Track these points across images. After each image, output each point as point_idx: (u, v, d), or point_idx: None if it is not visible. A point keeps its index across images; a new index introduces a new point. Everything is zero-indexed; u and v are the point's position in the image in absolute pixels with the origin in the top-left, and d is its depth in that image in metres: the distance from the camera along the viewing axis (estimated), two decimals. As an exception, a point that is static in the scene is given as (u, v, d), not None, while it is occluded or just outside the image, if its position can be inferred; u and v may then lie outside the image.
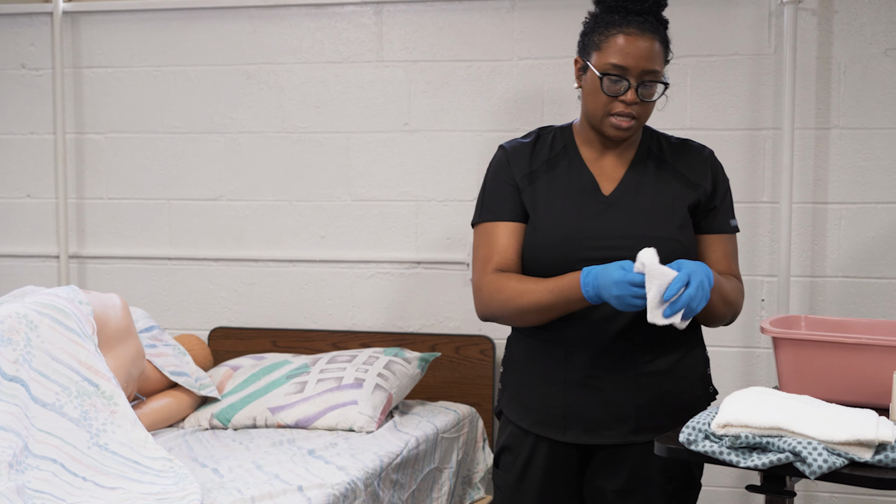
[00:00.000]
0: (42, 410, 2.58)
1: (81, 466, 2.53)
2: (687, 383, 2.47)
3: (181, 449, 2.94)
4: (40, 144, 4.00)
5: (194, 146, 3.88)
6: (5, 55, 4.00)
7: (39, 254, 4.02)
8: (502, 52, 3.64)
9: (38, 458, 2.49)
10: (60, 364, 2.68)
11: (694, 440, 2.05)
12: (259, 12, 3.80)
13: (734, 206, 2.54)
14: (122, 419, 2.68)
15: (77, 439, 2.59)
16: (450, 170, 3.69)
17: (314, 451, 2.89)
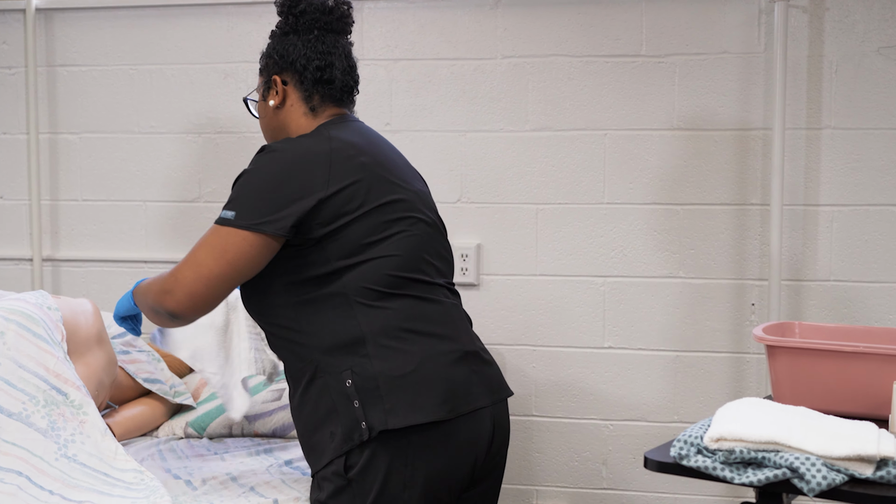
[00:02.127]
0: (8, 421, 2.49)
1: (48, 479, 2.43)
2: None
3: (154, 459, 2.84)
4: (13, 144, 3.90)
5: (171, 146, 3.78)
6: (-23, 53, 3.91)
7: (12, 257, 3.91)
8: (486, 51, 3.56)
9: (3, 471, 2.40)
10: (27, 372, 2.58)
11: (686, 455, 1.97)
12: (237, 9, 3.71)
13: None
14: (92, 429, 2.58)
15: (44, 451, 2.49)
16: (432, 171, 3.59)
17: (292, 461, 2.80)
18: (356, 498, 2.31)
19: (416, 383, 2.30)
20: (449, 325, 2.44)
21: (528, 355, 3.57)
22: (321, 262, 2.33)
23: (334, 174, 2.33)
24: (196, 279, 2.31)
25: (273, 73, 2.55)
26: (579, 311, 3.53)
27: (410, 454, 2.30)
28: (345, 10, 2.57)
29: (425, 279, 2.44)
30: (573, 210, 3.52)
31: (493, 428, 2.45)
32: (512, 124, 3.55)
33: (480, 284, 3.59)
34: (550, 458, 3.59)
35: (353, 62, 2.60)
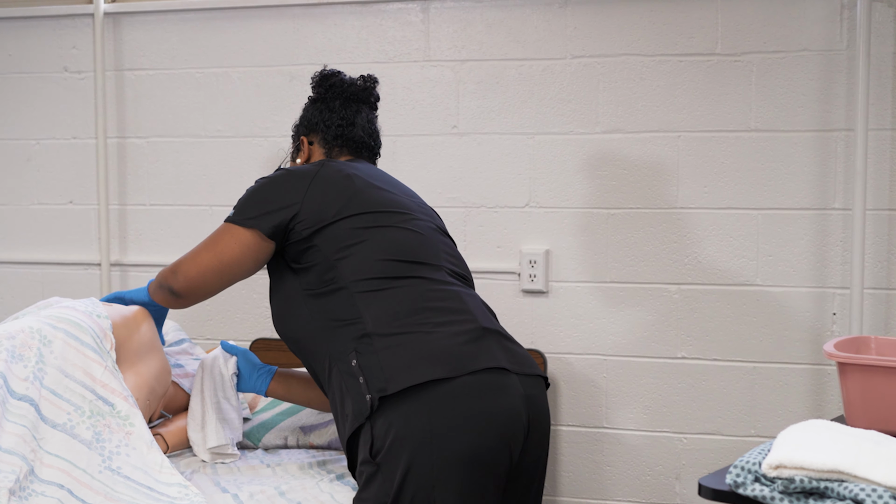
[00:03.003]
0: (52, 431, 2.45)
1: (90, 493, 2.39)
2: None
3: (206, 470, 2.78)
4: (83, 149, 3.90)
5: (237, 150, 3.74)
6: (48, 58, 3.91)
7: (81, 261, 3.91)
8: (555, 51, 3.45)
9: (45, 484, 2.35)
10: (73, 381, 2.54)
11: (742, 482, 1.85)
12: (302, 11, 3.65)
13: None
14: (138, 441, 2.54)
15: (87, 463, 2.44)
16: (500, 175, 3.51)
17: (343, 476, 2.72)
18: (385, 482, 2.30)
19: (419, 353, 2.36)
20: (460, 306, 2.48)
21: (599, 365, 3.46)
22: (319, 259, 2.53)
23: (316, 184, 2.61)
24: (192, 265, 2.70)
25: (301, 135, 2.89)
26: (651, 320, 3.41)
27: (431, 429, 2.28)
28: (369, 84, 2.92)
29: (431, 263, 2.55)
30: (645, 215, 3.39)
31: (527, 407, 2.40)
32: (582, 126, 3.43)
33: (549, 291, 3.49)
34: (621, 471, 3.47)
35: (376, 130, 2.92)
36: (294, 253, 2.58)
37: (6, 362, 2.48)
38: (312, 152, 2.86)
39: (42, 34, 3.90)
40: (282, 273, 2.64)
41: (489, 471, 2.33)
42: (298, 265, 2.57)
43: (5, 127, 3.96)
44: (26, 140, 3.95)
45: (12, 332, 2.56)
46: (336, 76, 2.89)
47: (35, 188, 3.95)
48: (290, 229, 2.57)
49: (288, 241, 2.59)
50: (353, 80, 2.90)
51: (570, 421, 3.49)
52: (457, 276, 2.62)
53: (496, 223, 3.52)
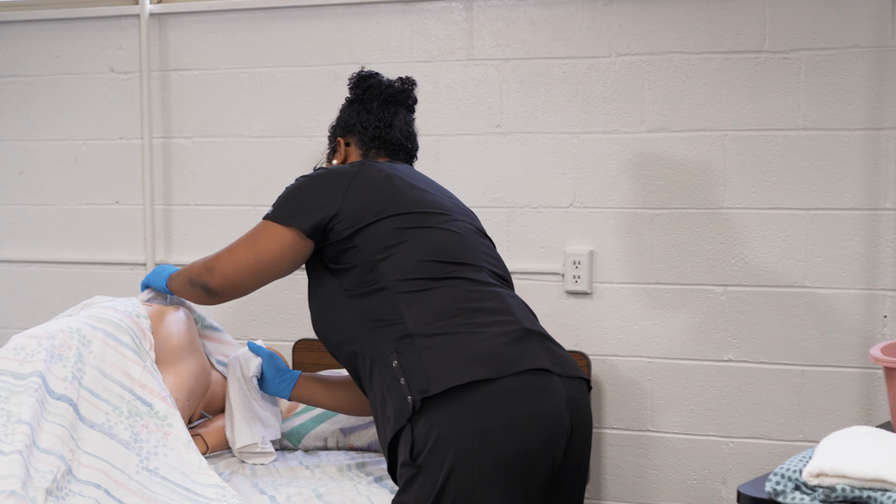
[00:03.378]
0: (90, 432, 2.45)
1: (128, 493, 2.39)
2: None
3: (245, 471, 2.78)
4: (128, 150, 3.91)
5: (280, 150, 3.73)
6: (94, 59, 3.93)
7: (127, 261, 3.93)
8: (600, 48, 3.40)
9: (82, 484, 2.36)
10: (112, 382, 2.55)
11: (782, 490, 1.79)
12: (345, 10, 3.64)
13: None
14: (176, 442, 2.53)
15: (125, 463, 2.45)
16: (544, 174, 3.47)
17: (382, 478, 2.71)
18: (426, 485, 2.26)
19: (461, 354, 2.32)
20: (503, 307, 2.45)
21: (644, 367, 3.41)
22: (360, 260, 2.50)
23: (356, 184, 2.58)
24: (228, 262, 2.68)
25: (338, 136, 2.87)
26: (697, 322, 3.35)
27: (473, 430, 2.25)
28: (407, 87, 2.88)
29: (472, 264, 2.52)
30: (691, 215, 3.34)
31: (570, 410, 2.37)
32: (627, 125, 3.39)
33: (594, 293, 3.44)
34: (666, 475, 3.42)
35: (413, 132, 2.89)
36: (333, 253, 2.55)
37: (45, 362, 2.49)
38: (349, 153, 2.83)
39: (89, 35, 3.92)
40: (320, 274, 2.61)
41: (531, 474, 2.30)
42: (338, 266, 2.55)
43: (54, 128, 3.99)
44: (74, 141, 3.97)
45: (52, 332, 2.58)
46: (374, 77, 2.86)
47: (82, 188, 3.97)
48: (330, 229, 2.54)
49: (327, 240, 2.56)
50: (392, 81, 2.87)
51: (615, 424, 3.45)
52: (497, 277, 2.59)
53: (540, 223, 3.49)
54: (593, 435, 3.34)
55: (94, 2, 3.98)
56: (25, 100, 4.01)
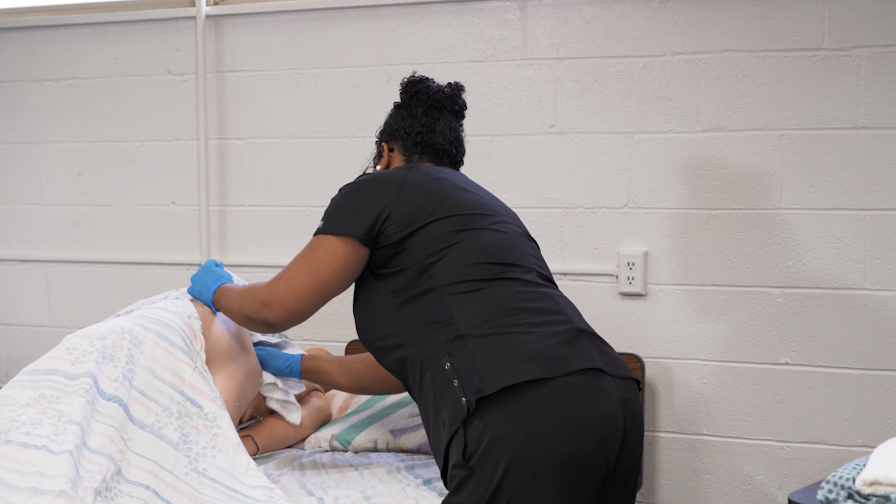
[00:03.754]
0: (140, 432, 2.46)
1: (176, 494, 2.39)
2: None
3: (294, 472, 2.78)
4: (184, 151, 3.94)
5: (334, 151, 3.73)
6: (152, 61, 3.96)
7: (182, 262, 3.95)
8: (655, 47, 3.36)
9: (131, 485, 2.36)
10: (162, 383, 2.55)
11: (834, 499, 1.75)
12: (399, 11, 3.63)
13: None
14: (225, 443, 2.53)
15: (174, 464, 2.45)
16: (598, 175, 3.44)
17: (431, 481, 2.68)
18: (479, 486, 2.23)
19: (514, 353, 2.29)
20: (554, 307, 2.43)
21: (699, 370, 3.36)
22: (411, 263, 2.46)
23: (406, 187, 2.54)
24: (288, 291, 2.57)
25: (383, 142, 2.84)
26: (754, 324, 3.30)
27: (528, 431, 2.22)
28: (455, 92, 2.83)
29: (522, 265, 2.48)
30: (747, 216, 3.29)
31: (624, 411, 2.33)
32: (682, 125, 3.34)
33: (648, 294, 3.40)
34: (721, 480, 3.36)
35: (460, 138, 2.83)
36: (382, 257, 2.52)
37: (97, 363, 2.50)
38: (392, 159, 2.81)
39: (146, 38, 3.96)
40: (364, 280, 2.58)
41: (585, 476, 2.27)
42: (385, 270, 2.52)
43: (112, 129, 4.02)
44: (131, 142, 4.00)
45: (104, 333, 2.59)
46: (422, 83, 2.81)
47: (139, 189, 4.01)
48: (381, 232, 2.50)
49: (377, 244, 2.52)
50: (441, 87, 2.82)
51: (669, 427, 3.40)
52: (545, 278, 2.57)
53: (594, 224, 3.45)
54: (647, 438, 3.32)
55: (151, 4, 4.02)
56: (84, 102, 4.05)
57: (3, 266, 4.20)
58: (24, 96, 4.13)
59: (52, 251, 4.13)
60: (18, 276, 4.18)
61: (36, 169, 4.14)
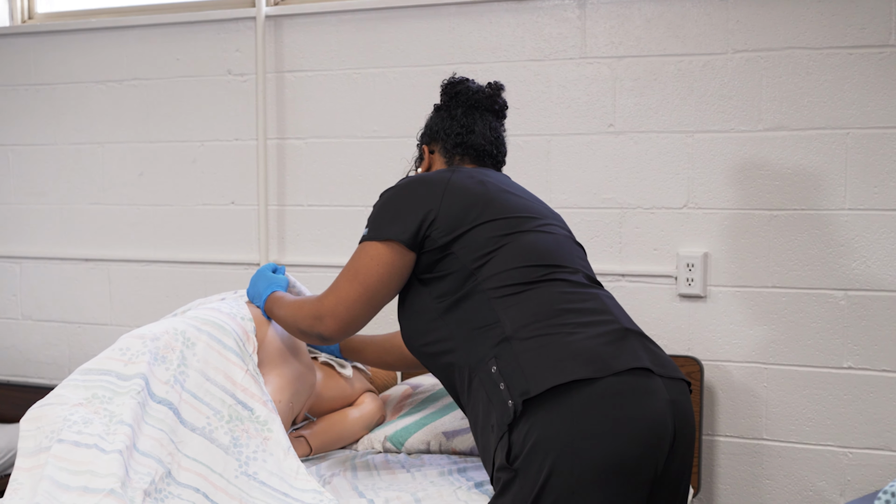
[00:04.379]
0: (191, 435, 2.46)
1: (226, 497, 2.39)
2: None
3: (346, 473, 2.77)
4: (244, 151, 3.95)
5: (392, 151, 3.72)
6: (212, 61, 3.98)
7: (241, 261, 3.97)
8: (716, 45, 3.31)
9: (182, 487, 2.36)
10: (214, 385, 2.55)
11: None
12: (458, 9, 3.61)
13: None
14: (275, 447, 2.53)
15: (224, 467, 2.45)
16: (657, 175, 3.39)
17: (482, 484, 2.65)
18: (524, 488, 2.20)
19: (560, 353, 2.25)
20: (601, 307, 2.39)
21: (759, 374, 3.30)
22: (456, 267, 2.44)
23: (451, 190, 2.50)
24: (337, 303, 2.54)
25: (423, 144, 2.82)
26: (816, 327, 3.23)
27: (573, 432, 2.17)
28: (495, 92, 2.80)
29: (568, 266, 2.46)
30: (810, 216, 3.22)
31: (673, 413, 2.27)
32: (744, 124, 3.29)
33: (707, 296, 3.35)
34: (781, 485, 3.30)
35: (501, 137, 2.80)
36: (427, 262, 2.48)
37: (149, 364, 2.51)
38: (433, 161, 2.78)
39: (207, 38, 3.98)
40: (409, 286, 2.55)
41: (633, 480, 2.22)
42: (430, 274, 2.49)
43: (173, 129, 4.05)
44: (191, 142, 4.03)
45: (157, 334, 2.60)
46: (462, 84, 2.79)
47: (199, 189, 4.03)
48: (426, 237, 2.46)
49: (423, 249, 2.48)
50: (481, 87, 2.79)
51: (728, 431, 3.34)
52: (591, 280, 2.53)
53: (653, 225, 3.40)
54: (705, 442, 3.26)
55: (212, 5, 4.05)
56: (146, 102, 4.08)
57: (67, 265, 4.25)
58: (87, 97, 4.17)
59: (114, 250, 4.17)
60: (81, 276, 4.23)
61: (99, 169, 4.18)
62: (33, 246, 4.32)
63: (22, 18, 4.42)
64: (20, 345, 4.35)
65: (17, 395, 4.23)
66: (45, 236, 4.29)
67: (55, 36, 4.21)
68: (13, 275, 4.34)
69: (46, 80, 4.23)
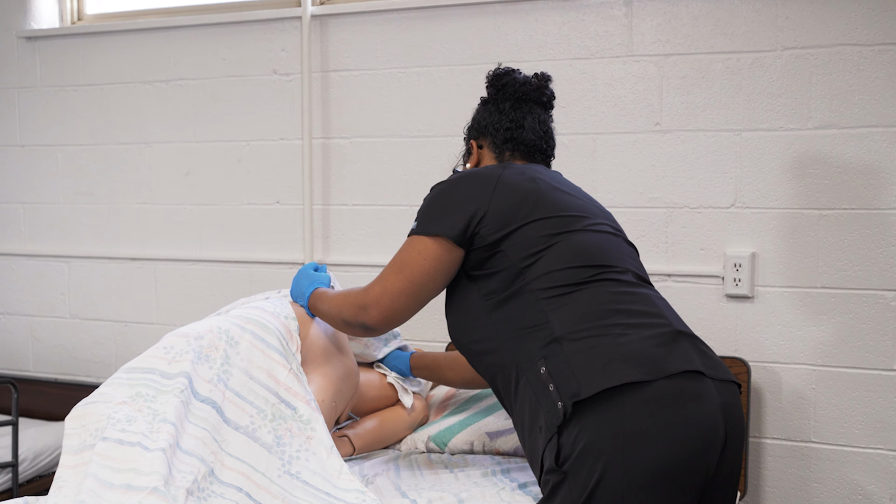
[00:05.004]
0: (234, 434, 2.46)
1: (268, 496, 2.38)
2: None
3: (389, 473, 2.76)
4: (289, 150, 3.95)
5: (437, 150, 3.71)
6: (258, 61, 3.99)
7: (286, 261, 3.97)
8: (765, 42, 3.27)
9: (224, 486, 2.36)
10: (258, 384, 2.55)
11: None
12: (503, 8, 3.59)
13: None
14: (318, 446, 2.52)
15: (267, 466, 2.44)
16: (704, 174, 3.35)
17: (526, 485, 2.63)
18: (573, 491, 2.17)
19: (612, 355, 2.22)
20: (652, 309, 2.35)
21: (807, 375, 3.25)
22: (505, 265, 2.40)
23: (501, 187, 2.46)
24: (382, 294, 2.52)
25: (471, 139, 2.77)
26: (866, 329, 3.18)
27: (625, 436, 2.14)
28: (542, 83, 2.74)
29: (618, 266, 2.42)
30: (860, 216, 3.17)
31: (724, 416, 2.24)
32: (793, 122, 3.24)
33: (755, 297, 3.30)
34: (830, 489, 3.25)
35: (550, 130, 2.74)
36: (476, 259, 2.45)
37: (193, 363, 2.51)
38: (482, 156, 2.73)
39: (253, 38, 3.99)
40: (457, 282, 2.53)
41: (684, 484, 2.19)
42: (478, 271, 2.46)
43: (219, 129, 4.07)
44: (237, 142, 4.04)
45: (201, 332, 2.60)
46: (509, 75, 2.74)
47: (245, 188, 4.04)
48: (476, 233, 2.43)
49: (472, 246, 2.45)
50: (528, 78, 2.73)
51: (776, 434, 3.30)
52: (642, 279, 2.49)
53: (700, 224, 3.37)
54: (752, 445, 3.22)
55: (258, 5, 4.06)
56: (193, 102, 4.10)
57: (114, 264, 4.27)
58: (134, 97, 4.20)
59: (161, 249, 4.19)
60: (128, 274, 4.25)
61: (146, 169, 4.20)
62: (81, 245, 4.35)
63: (71, 20, 4.46)
64: (68, 343, 4.38)
65: (64, 394, 4.27)
66: (93, 236, 4.32)
67: (104, 37, 4.24)
68: (61, 274, 4.38)
69: (95, 81, 4.27)
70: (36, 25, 4.38)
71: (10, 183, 4.46)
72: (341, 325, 2.66)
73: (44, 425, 4.12)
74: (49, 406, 4.29)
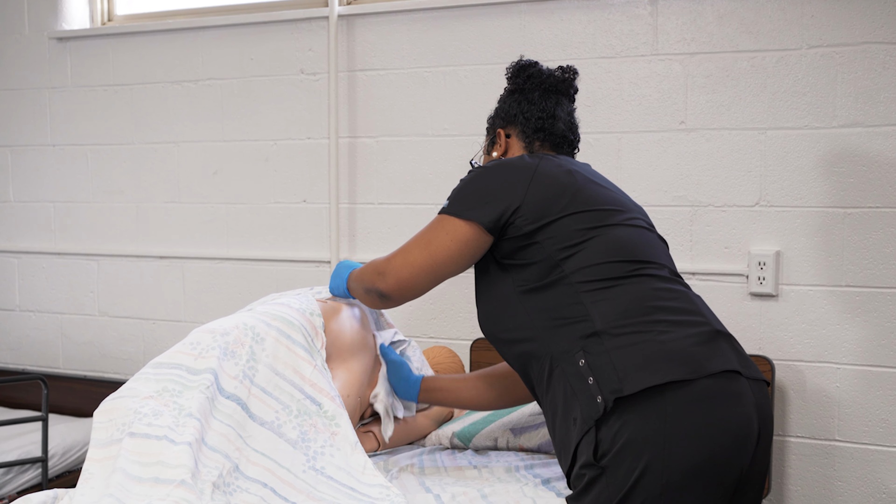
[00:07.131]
0: (259, 429, 2.49)
1: (293, 491, 2.40)
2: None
3: (413, 469, 2.78)
4: (316, 149, 3.98)
5: (463, 149, 3.73)
6: (286, 61, 4.02)
7: (312, 259, 4.00)
8: (790, 41, 3.27)
9: (250, 481, 2.38)
10: (283, 380, 2.57)
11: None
12: (528, 7, 3.61)
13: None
14: (343, 442, 2.54)
15: (292, 462, 2.47)
16: (729, 172, 3.35)
17: (550, 481, 2.64)
18: (610, 486, 2.19)
19: (654, 353, 2.22)
20: (691, 307, 2.35)
21: (832, 374, 3.24)
22: (542, 257, 2.39)
23: (538, 178, 2.46)
24: (403, 265, 2.54)
25: (498, 128, 2.74)
26: (890, 327, 3.17)
27: (666, 433, 2.16)
28: (569, 76, 2.75)
29: (656, 262, 2.43)
30: (885, 214, 3.17)
31: (758, 415, 2.26)
32: (818, 120, 3.24)
33: (779, 295, 3.30)
34: (854, 487, 3.24)
35: (576, 123, 2.74)
36: (510, 249, 2.45)
37: (218, 359, 2.53)
38: (510, 146, 2.70)
39: (280, 38, 4.02)
40: (488, 270, 2.53)
41: (720, 482, 2.21)
42: (512, 261, 2.45)
43: (247, 128, 4.10)
44: (264, 141, 4.07)
45: (227, 329, 2.62)
46: (534, 66, 2.73)
47: (272, 187, 4.07)
48: (510, 223, 2.43)
49: (505, 235, 2.44)
50: (552, 70, 2.74)
51: (800, 432, 3.29)
52: (677, 276, 2.49)
53: (724, 223, 3.37)
54: (776, 443, 3.22)
55: (285, 5, 4.09)
56: (221, 102, 4.13)
57: (142, 263, 4.31)
58: (163, 97, 4.24)
59: (189, 248, 4.23)
60: (156, 273, 4.29)
61: (174, 168, 4.24)
62: (110, 243, 4.39)
63: (102, 21, 4.51)
64: (97, 340, 4.43)
65: (93, 390, 4.31)
66: (122, 234, 4.37)
67: (133, 37, 4.29)
68: (91, 271, 4.42)
69: (124, 81, 4.31)
70: (67, 26, 4.43)
71: (40, 182, 4.51)
72: (362, 294, 2.70)
73: (73, 421, 4.17)
74: (78, 402, 4.33)
